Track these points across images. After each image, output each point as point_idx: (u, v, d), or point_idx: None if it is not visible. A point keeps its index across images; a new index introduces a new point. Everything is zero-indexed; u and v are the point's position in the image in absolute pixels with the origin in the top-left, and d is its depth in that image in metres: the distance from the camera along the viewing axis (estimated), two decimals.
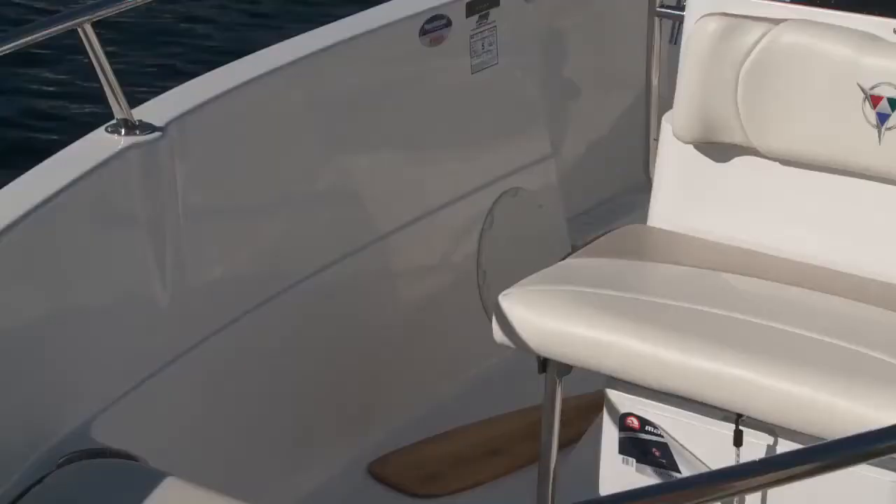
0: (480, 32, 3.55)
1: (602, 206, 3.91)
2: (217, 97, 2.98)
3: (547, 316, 2.78)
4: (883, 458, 2.44)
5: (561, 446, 2.94)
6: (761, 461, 1.81)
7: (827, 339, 2.65)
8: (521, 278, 2.89)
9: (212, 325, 2.98)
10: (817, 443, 1.91)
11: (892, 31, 2.84)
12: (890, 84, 2.80)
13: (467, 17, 3.50)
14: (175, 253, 2.87)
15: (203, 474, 2.48)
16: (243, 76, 3.06)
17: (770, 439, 2.64)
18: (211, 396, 2.97)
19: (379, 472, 3.25)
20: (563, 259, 3.00)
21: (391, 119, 3.39)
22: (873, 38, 2.84)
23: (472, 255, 3.59)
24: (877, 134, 2.82)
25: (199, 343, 2.94)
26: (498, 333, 2.84)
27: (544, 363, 2.85)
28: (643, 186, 3.25)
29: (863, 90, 2.83)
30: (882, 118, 2.82)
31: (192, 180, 2.91)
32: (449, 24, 3.45)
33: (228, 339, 3.01)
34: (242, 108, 3.05)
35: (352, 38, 3.27)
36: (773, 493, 2.64)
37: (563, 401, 2.89)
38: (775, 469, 1.78)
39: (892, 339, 2.66)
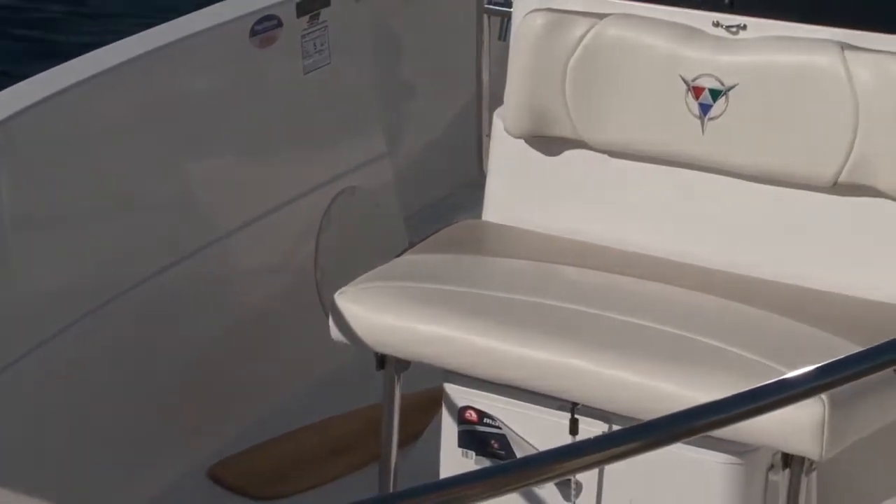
0: (312, 33, 3.55)
1: (438, 202, 3.94)
2: (45, 100, 2.94)
3: (382, 312, 2.80)
4: (715, 440, 2.51)
5: (402, 442, 2.96)
6: (567, 446, 1.83)
7: (659, 327, 2.70)
8: (360, 276, 2.90)
9: (46, 330, 2.94)
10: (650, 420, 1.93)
11: (711, 23, 2.90)
12: (711, 75, 2.86)
13: (298, 17, 3.50)
14: (2, 261, 2.83)
15: (38, 484, 2.45)
16: (72, 78, 3.03)
17: (605, 426, 2.68)
18: (45, 405, 2.93)
19: (219, 476, 3.24)
20: (400, 255, 3.02)
21: (224, 121, 3.37)
22: (694, 31, 2.90)
23: (311, 255, 3.59)
24: (700, 125, 2.88)
25: (33, 349, 2.90)
26: (335, 332, 2.85)
27: (382, 360, 2.86)
28: (478, 182, 3.28)
29: (685, 82, 2.89)
30: (704, 109, 2.88)
31: (19, 185, 2.87)
32: (279, 24, 3.45)
33: (64, 344, 2.97)
34: (72, 112, 3.01)
35: (182, 40, 3.25)
36: (609, 481, 2.68)
37: (403, 397, 2.90)
38: (581, 454, 1.80)
39: (724, 325, 2.72)
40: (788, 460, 2.56)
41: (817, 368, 1.99)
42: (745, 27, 2.88)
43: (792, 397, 1.96)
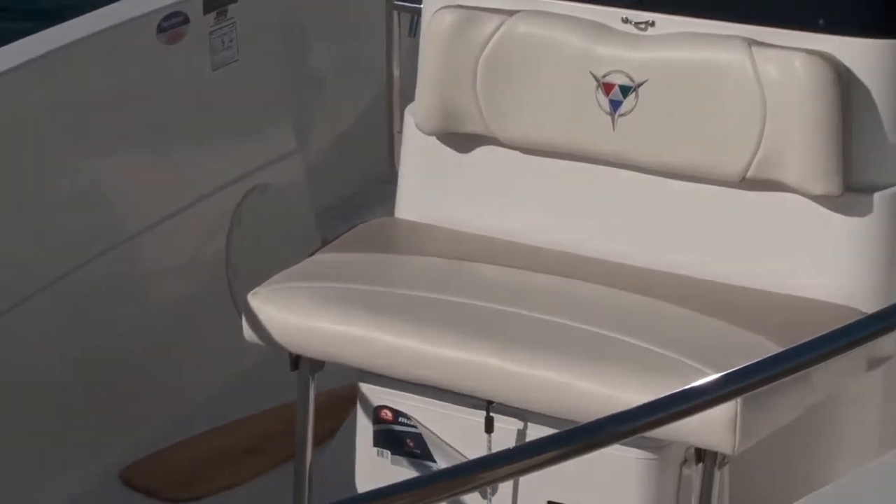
0: (220, 29, 3.52)
1: (350, 199, 3.93)
2: None
3: (296, 313, 2.79)
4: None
5: (317, 442, 2.95)
6: (505, 452, 1.84)
7: (573, 324, 2.71)
8: (272, 275, 2.89)
9: None
10: (566, 426, 1.95)
11: (620, 20, 2.91)
12: (621, 72, 2.88)
13: (205, 13, 3.48)
14: None
15: None
16: None
17: (520, 424, 2.69)
18: None
19: (131, 478, 3.21)
20: (312, 255, 3.01)
21: (133, 119, 3.34)
22: (603, 28, 2.91)
23: (222, 254, 3.56)
24: (611, 121, 2.90)
25: None
26: (248, 332, 2.83)
27: (296, 360, 2.85)
28: (390, 179, 3.28)
29: (595, 78, 2.90)
30: (615, 105, 2.89)
31: None
32: (187, 20, 3.42)
33: None
34: None
35: (88, 37, 3.22)
36: (526, 479, 2.69)
37: (317, 396, 2.89)
38: (521, 458, 1.82)
39: (637, 321, 2.74)
40: (702, 455, 2.58)
41: (735, 372, 2.01)
42: (653, 23, 2.89)
43: (711, 401, 1.99)
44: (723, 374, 2.01)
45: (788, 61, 2.76)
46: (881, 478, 2.09)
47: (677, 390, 1.97)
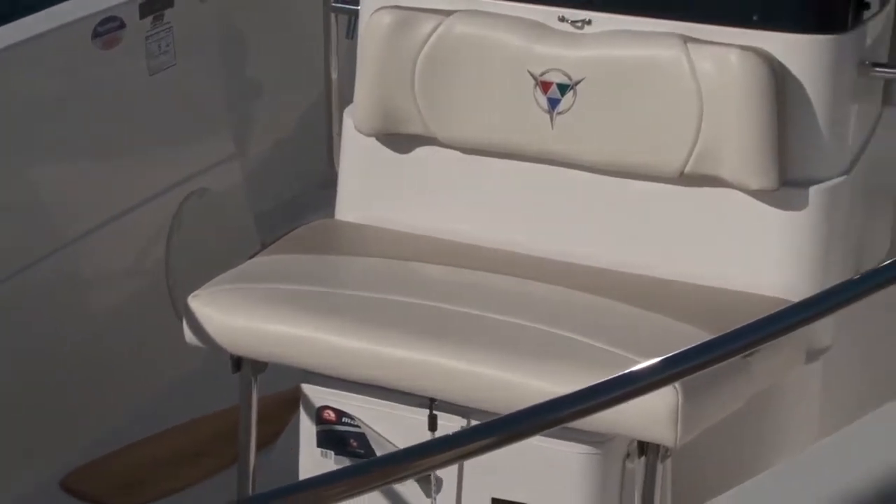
0: (156, 34, 3.51)
1: (290, 202, 3.92)
2: None
3: (237, 315, 2.78)
4: (573, 431, 2.54)
5: (261, 444, 2.94)
6: (442, 438, 1.84)
7: (515, 321, 2.72)
8: (212, 278, 2.88)
9: None
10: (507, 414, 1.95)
11: (556, 18, 2.93)
12: (558, 70, 2.89)
13: (141, 18, 3.46)
14: None
15: None
16: None
17: (463, 421, 2.69)
18: None
19: (72, 486, 3.19)
20: (253, 257, 3.01)
21: (69, 124, 3.32)
22: (540, 26, 2.92)
23: (162, 258, 3.55)
24: (549, 119, 2.91)
25: None
26: (189, 335, 2.82)
27: (238, 362, 2.85)
28: (330, 181, 3.27)
29: (533, 77, 2.91)
30: (553, 103, 2.91)
31: None
32: (122, 25, 3.41)
33: None
34: None
35: (23, 42, 3.20)
36: (469, 475, 2.69)
37: (260, 399, 2.89)
38: (461, 444, 1.82)
39: (579, 317, 2.75)
40: (644, 448, 2.60)
41: (670, 358, 2.02)
42: (590, 22, 2.91)
43: (646, 387, 2.00)
44: (659, 359, 2.02)
45: (724, 57, 2.78)
46: (815, 464, 2.12)
47: (614, 376, 1.98)
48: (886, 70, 2.90)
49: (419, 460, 1.79)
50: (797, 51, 2.80)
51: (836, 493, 2.04)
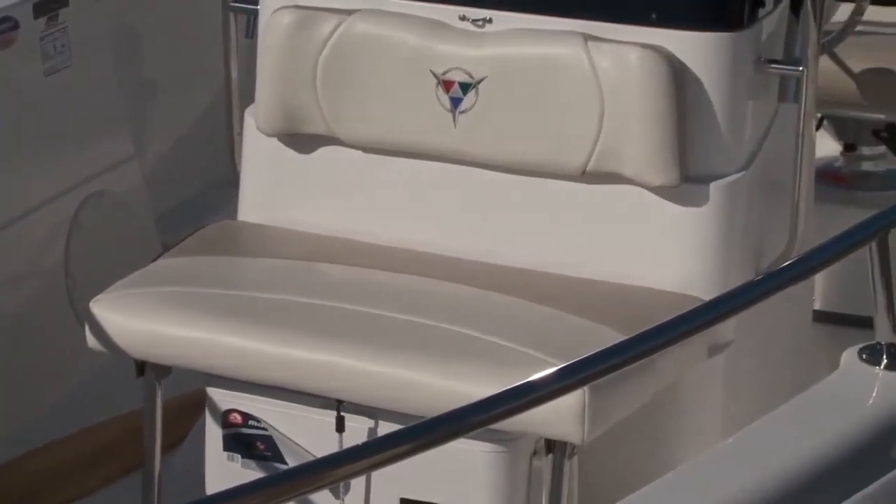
0: (51, 34, 3.46)
1: (191, 203, 3.89)
2: None
3: (140, 318, 2.76)
4: (478, 430, 2.55)
5: (165, 448, 2.92)
6: (353, 448, 1.85)
7: (423, 321, 2.72)
8: (113, 282, 2.85)
9: None
10: (416, 422, 1.96)
11: (457, 17, 2.93)
12: (460, 69, 2.89)
13: (35, 18, 3.42)
14: None
15: None
16: None
17: (371, 422, 2.69)
18: None
19: None
20: (155, 260, 2.98)
21: None
22: (441, 25, 2.92)
23: (61, 263, 3.51)
24: (452, 118, 2.91)
25: None
26: (91, 340, 2.80)
27: (142, 366, 2.83)
28: (232, 182, 3.26)
29: (435, 76, 2.91)
30: (455, 102, 2.91)
31: None
32: (17, 26, 3.36)
33: None
34: None
35: None
36: (378, 476, 2.69)
37: (165, 403, 2.86)
38: (371, 454, 1.83)
39: (485, 316, 2.76)
40: (551, 446, 2.61)
41: (582, 361, 2.04)
42: (490, 20, 2.92)
43: (557, 391, 2.02)
44: (566, 364, 2.04)
45: (624, 55, 2.80)
46: (719, 464, 2.15)
47: (523, 381, 2.00)
48: (782, 66, 2.94)
49: (331, 471, 1.80)
50: (696, 48, 2.83)
51: (736, 492, 2.08)
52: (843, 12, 3.65)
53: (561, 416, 2.52)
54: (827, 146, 3.97)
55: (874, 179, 4.00)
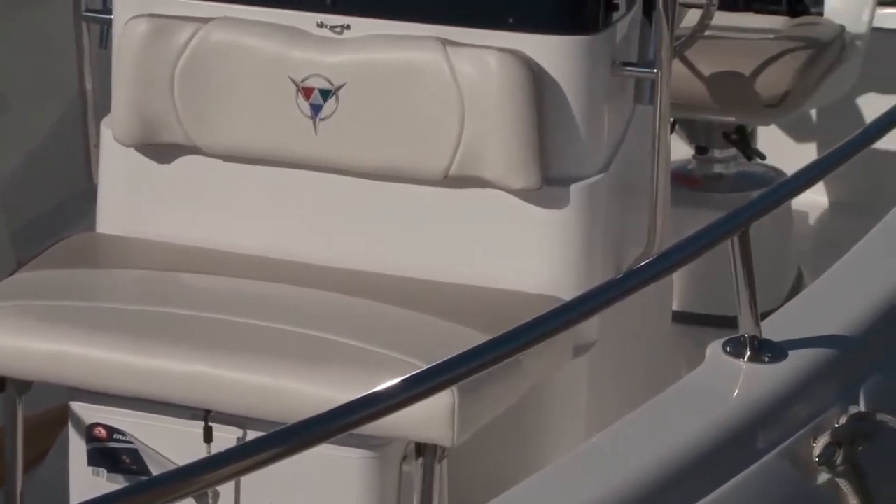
0: None
1: (47, 216, 3.83)
2: None
3: None
4: (349, 435, 2.54)
5: (28, 465, 2.87)
6: (218, 455, 1.83)
7: (287, 328, 2.71)
8: None
9: None
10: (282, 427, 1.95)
11: (315, 24, 2.93)
12: (319, 76, 2.89)
13: None
14: None
15: None
16: None
17: (240, 432, 2.68)
18: None
19: None
20: (12, 275, 2.93)
21: None
22: (299, 32, 2.92)
23: None
24: (312, 125, 2.91)
25: None
26: None
27: (2, 382, 2.78)
28: (89, 194, 3.21)
29: (295, 83, 2.90)
30: (315, 109, 2.90)
31: None
32: None
33: None
34: None
35: None
36: (248, 485, 2.67)
37: (26, 418, 2.81)
38: (237, 460, 1.81)
39: (351, 322, 2.76)
40: (422, 449, 2.62)
41: (447, 361, 2.05)
42: (349, 27, 2.92)
43: (426, 391, 2.02)
44: (431, 365, 2.04)
45: (482, 60, 2.82)
46: (586, 463, 2.18)
47: (390, 383, 2.00)
48: (636, 69, 2.98)
49: (196, 478, 1.77)
50: (552, 52, 2.86)
51: (604, 491, 2.10)
52: (692, 17, 3.71)
53: (431, 419, 2.53)
54: (679, 149, 4.03)
55: (726, 181, 4.07)
